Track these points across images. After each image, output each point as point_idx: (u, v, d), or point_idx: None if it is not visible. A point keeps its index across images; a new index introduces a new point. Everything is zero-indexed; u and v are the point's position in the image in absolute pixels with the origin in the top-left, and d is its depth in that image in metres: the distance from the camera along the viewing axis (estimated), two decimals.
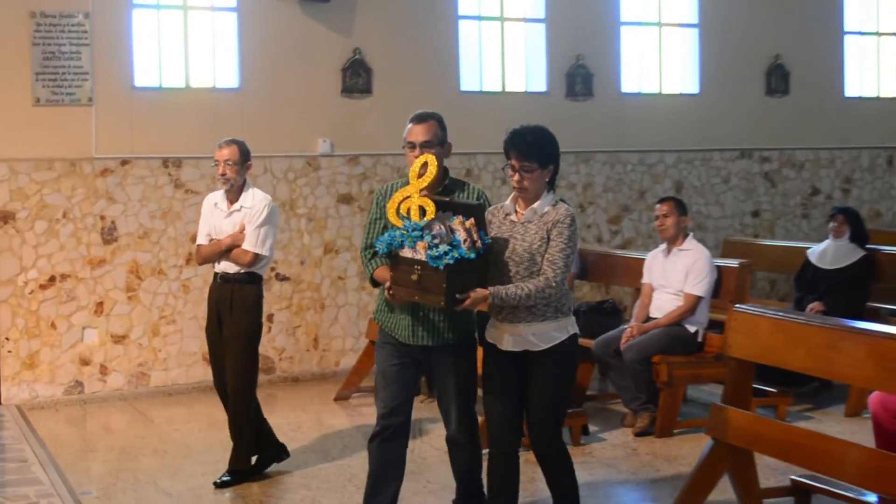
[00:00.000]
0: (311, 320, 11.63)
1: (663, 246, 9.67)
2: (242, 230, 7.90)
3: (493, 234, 6.03)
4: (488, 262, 5.95)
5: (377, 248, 6.10)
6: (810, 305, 10.13)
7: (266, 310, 11.32)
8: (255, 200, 7.98)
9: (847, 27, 14.52)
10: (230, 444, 8.09)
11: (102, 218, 10.83)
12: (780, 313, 6.67)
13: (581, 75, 12.89)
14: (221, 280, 8.00)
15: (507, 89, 12.74)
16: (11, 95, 10.54)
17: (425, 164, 6.09)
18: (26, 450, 8.95)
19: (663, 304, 9.46)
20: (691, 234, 9.68)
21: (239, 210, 7.97)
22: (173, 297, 11.07)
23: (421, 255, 5.84)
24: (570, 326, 6.08)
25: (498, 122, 12.56)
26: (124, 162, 10.92)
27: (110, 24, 10.84)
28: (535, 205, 6.05)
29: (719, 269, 9.41)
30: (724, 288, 9.37)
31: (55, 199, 10.68)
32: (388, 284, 6.11)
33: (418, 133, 6.40)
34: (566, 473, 6.26)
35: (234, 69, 11.42)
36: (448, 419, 6.53)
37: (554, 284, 5.87)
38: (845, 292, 10.19)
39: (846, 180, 14.47)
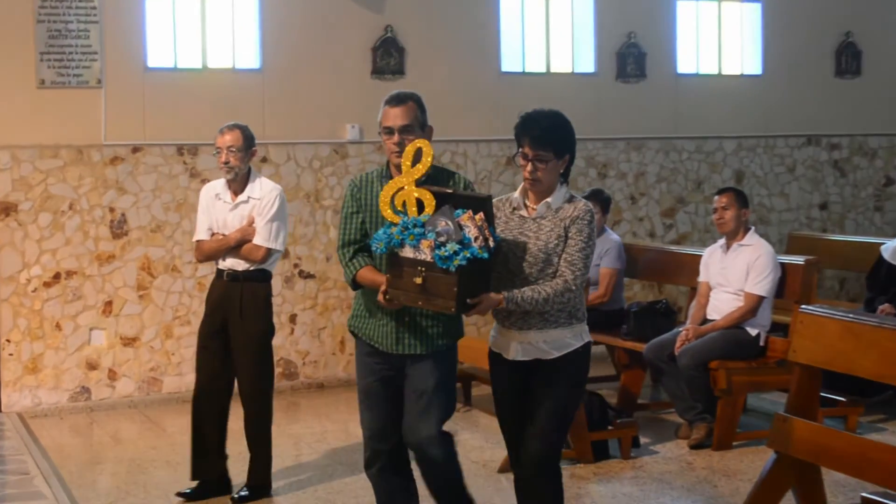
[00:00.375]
0: (337, 321, 11.62)
1: (722, 241, 9.61)
2: (251, 223, 7.85)
3: (499, 231, 5.78)
4: (496, 261, 5.72)
5: (373, 248, 5.78)
6: (881, 307, 10.03)
7: (288, 310, 11.34)
8: (263, 191, 7.91)
9: None
10: (248, 455, 8.08)
11: (112, 210, 10.85)
12: (850, 315, 6.60)
13: (633, 55, 12.84)
14: (229, 278, 7.90)
15: (553, 70, 12.70)
16: (14, 77, 10.58)
17: (419, 151, 5.75)
18: (28, 461, 8.98)
19: (722, 305, 9.39)
20: (753, 228, 9.61)
21: (246, 201, 7.90)
22: (188, 297, 11.08)
23: (426, 255, 5.55)
24: (584, 333, 5.89)
25: (541, 106, 12.61)
26: (136, 149, 10.94)
27: None
28: (549, 199, 5.84)
29: (783, 266, 9.34)
30: (788, 287, 9.31)
31: (61, 190, 10.70)
32: (383, 287, 5.78)
33: (396, 116, 6.03)
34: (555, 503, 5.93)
35: (255, 48, 11.43)
36: (417, 427, 6.06)
37: (574, 287, 5.69)
38: None
39: None
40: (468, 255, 5.46)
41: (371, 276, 5.96)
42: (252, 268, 7.86)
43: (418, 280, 5.59)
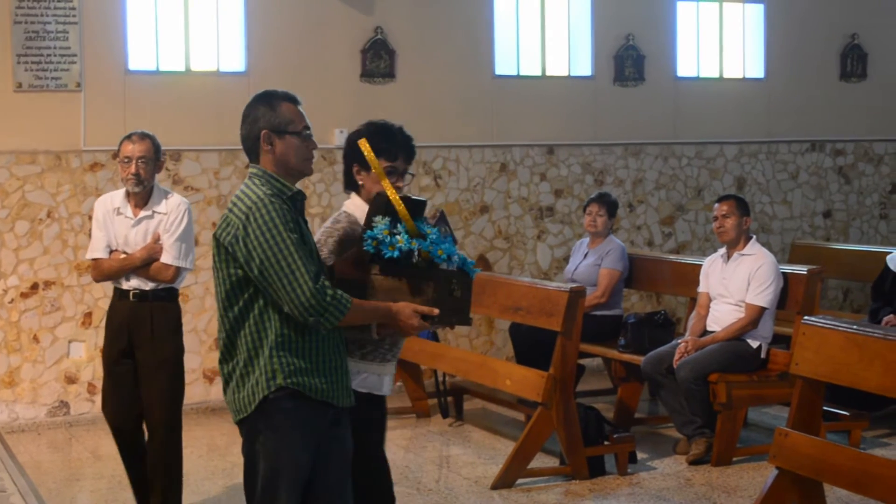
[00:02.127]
0: None
1: (722, 250, 9.63)
2: (157, 240, 7.56)
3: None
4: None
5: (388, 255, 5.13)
6: (886, 318, 10.07)
7: None
8: (170, 205, 7.61)
9: None
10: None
11: (91, 218, 10.83)
12: (854, 326, 6.64)
13: (631, 57, 12.86)
14: (136, 299, 7.56)
15: (548, 73, 12.70)
16: None
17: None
18: (5, 478, 8.97)
19: (722, 316, 9.42)
20: (754, 237, 9.64)
21: (150, 216, 7.59)
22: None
23: (450, 266, 5.27)
24: None
25: (537, 111, 12.71)
26: (116, 155, 10.89)
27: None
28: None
29: (786, 276, 9.36)
30: (790, 298, 9.33)
31: (38, 197, 10.71)
32: (426, 310, 5.15)
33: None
34: None
35: (240, 51, 11.44)
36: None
37: None
38: None
39: None
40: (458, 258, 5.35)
41: (370, 305, 5.14)
42: (160, 287, 7.56)
43: (457, 293, 5.31)
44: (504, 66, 12.48)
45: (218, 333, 5.13)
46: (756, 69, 13.59)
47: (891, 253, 10.71)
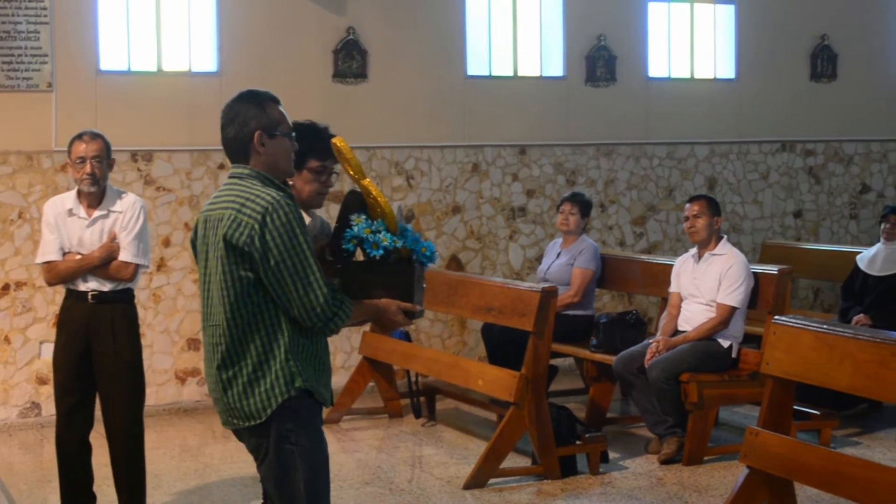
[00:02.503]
0: None
1: (693, 250, 9.66)
2: (113, 239, 7.47)
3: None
4: None
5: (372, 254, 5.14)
6: (856, 317, 10.13)
7: None
8: (125, 204, 7.52)
9: None
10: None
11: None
12: (825, 326, 6.67)
13: (603, 58, 12.89)
14: (95, 300, 7.43)
15: (520, 74, 12.72)
16: None
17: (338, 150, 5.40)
18: None
19: (693, 316, 9.45)
20: (725, 237, 9.67)
21: (105, 216, 7.49)
22: (142, 309, 11.04)
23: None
24: None
25: (509, 111, 12.73)
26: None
27: None
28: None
29: (756, 276, 9.39)
30: (761, 297, 9.36)
31: (9, 198, 10.68)
32: (404, 306, 5.16)
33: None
34: None
35: (212, 51, 11.42)
36: None
37: None
38: None
39: None
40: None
41: (361, 306, 5.13)
42: (118, 287, 7.46)
43: (424, 285, 5.37)
44: (476, 66, 12.49)
45: (211, 338, 5.00)
46: (727, 70, 13.64)
47: (860, 253, 10.80)
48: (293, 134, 5.20)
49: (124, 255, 7.42)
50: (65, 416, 7.58)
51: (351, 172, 5.26)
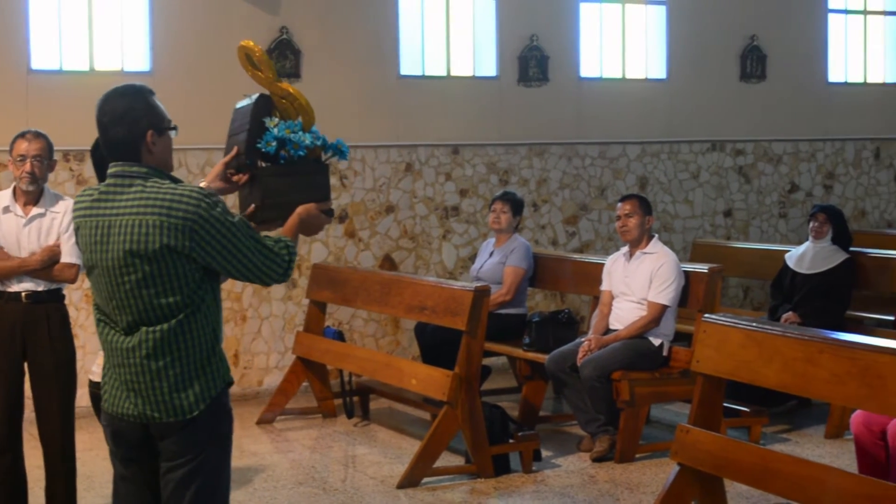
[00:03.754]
0: (230, 334, 11.57)
1: (625, 249, 9.70)
2: (56, 241, 7.40)
3: None
4: None
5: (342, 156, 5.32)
6: (785, 315, 10.20)
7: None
8: (66, 205, 7.44)
9: (831, 5, 14.59)
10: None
11: None
12: (754, 324, 6.72)
13: (535, 58, 12.91)
14: (30, 301, 7.34)
15: (453, 74, 12.73)
16: None
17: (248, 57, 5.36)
18: None
19: (624, 315, 9.48)
20: (656, 235, 9.72)
21: (43, 214, 7.45)
22: (74, 309, 10.97)
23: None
24: None
25: (442, 111, 12.72)
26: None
27: None
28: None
29: (687, 274, 9.44)
30: (692, 296, 9.41)
31: None
32: (321, 206, 5.15)
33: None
34: None
35: (145, 50, 11.36)
36: None
37: None
38: (825, 300, 10.26)
39: (828, 175, 14.57)
40: None
41: (292, 229, 5.06)
42: (52, 287, 7.39)
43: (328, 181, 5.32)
44: (409, 66, 12.48)
45: (137, 333, 4.73)
46: (658, 70, 13.70)
47: (789, 251, 10.88)
48: (176, 127, 5.04)
49: (68, 258, 7.35)
50: (2, 422, 7.42)
51: (262, 75, 5.17)
